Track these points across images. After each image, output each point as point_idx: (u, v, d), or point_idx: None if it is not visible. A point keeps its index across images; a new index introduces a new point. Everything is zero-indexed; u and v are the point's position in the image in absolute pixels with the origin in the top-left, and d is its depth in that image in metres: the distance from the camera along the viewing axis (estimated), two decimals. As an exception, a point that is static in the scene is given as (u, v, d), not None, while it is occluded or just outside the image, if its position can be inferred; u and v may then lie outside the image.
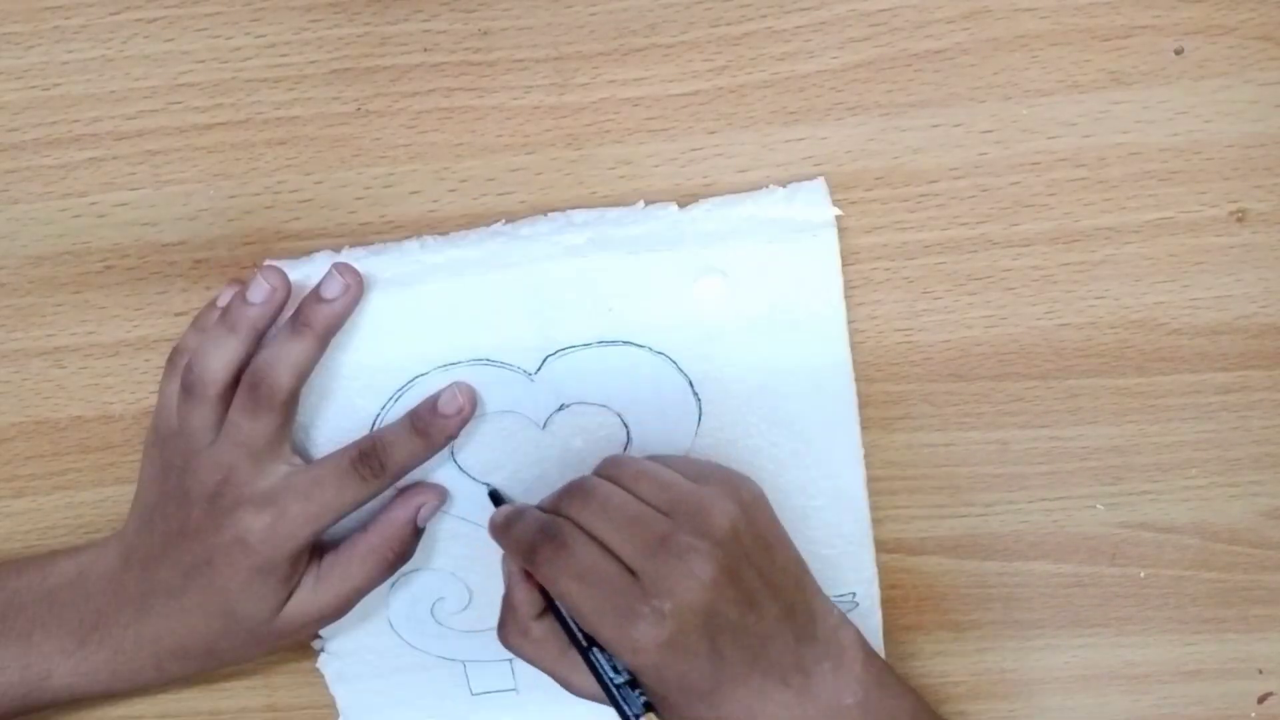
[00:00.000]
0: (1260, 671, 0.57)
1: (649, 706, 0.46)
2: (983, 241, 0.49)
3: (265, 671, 0.59)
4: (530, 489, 0.51)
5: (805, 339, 0.50)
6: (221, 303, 0.49)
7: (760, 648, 0.46)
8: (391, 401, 0.50)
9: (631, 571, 0.44)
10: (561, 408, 0.51)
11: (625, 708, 0.46)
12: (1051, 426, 0.52)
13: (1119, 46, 0.46)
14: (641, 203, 0.49)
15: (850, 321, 0.50)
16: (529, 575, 0.47)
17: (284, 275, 0.47)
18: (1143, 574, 0.55)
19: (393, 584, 0.54)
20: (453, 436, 0.49)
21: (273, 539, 0.47)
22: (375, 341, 0.49)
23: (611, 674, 0.46)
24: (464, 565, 0.54)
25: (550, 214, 0.49)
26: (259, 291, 0.47)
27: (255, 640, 0.50)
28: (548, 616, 0.48)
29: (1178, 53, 0.46)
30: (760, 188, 0.49)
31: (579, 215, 0.49)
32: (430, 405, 0.49)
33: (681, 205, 0.49)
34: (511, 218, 0.49)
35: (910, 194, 0.49)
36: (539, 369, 0.50)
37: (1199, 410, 0.52)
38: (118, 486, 0.54)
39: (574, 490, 0.47)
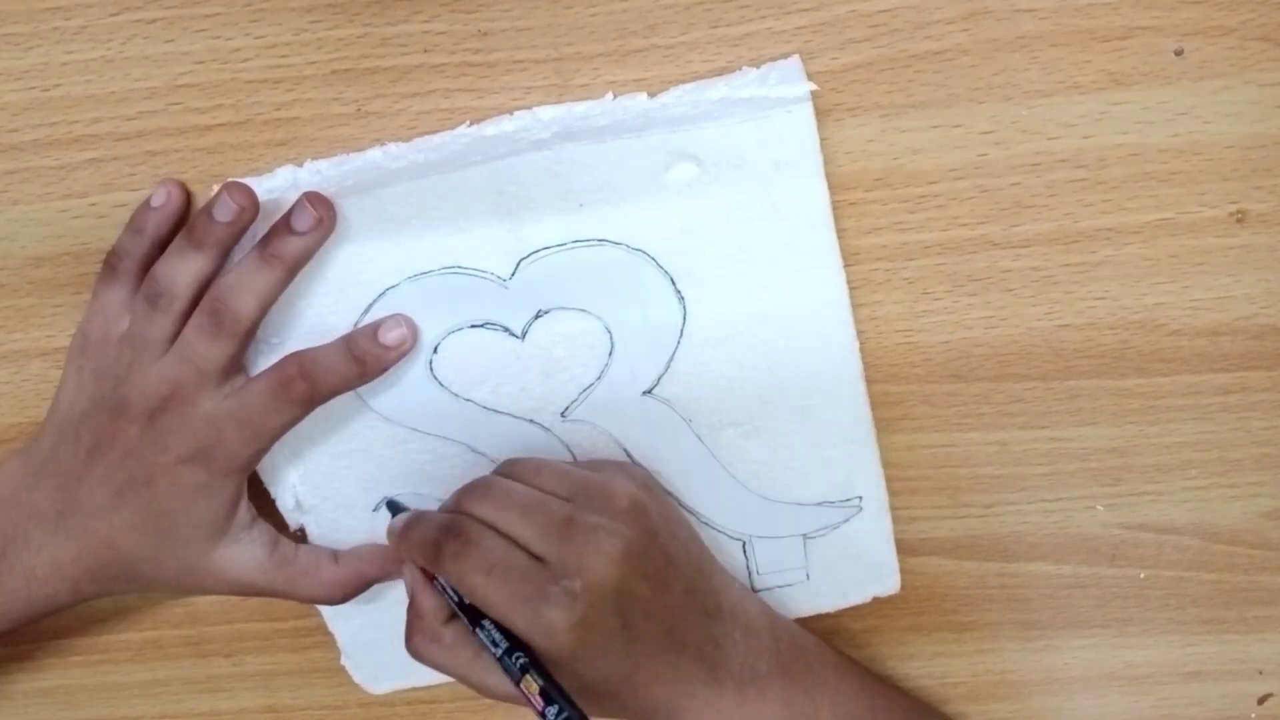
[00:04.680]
0: (1260, 672, 0.56)
1: (535, 670, 0.44)
2: (982, 242, 0.49)
3: (265, 672, 0.59)
4: (515, 401, 0.50)
5: (789, 226, 0.47)
6: (156, 203, 0.48)
7: (671, 624, 0.45)
8: (363, 314, 0.49)
9: (538, 558, 0.44)
10: (539, 314, 0.49)
11: (512, 673, 0.44)
12: (1051, 427, 0.52)
13: (1119, 47, 0.46)
14: (610, 94, 0.47)
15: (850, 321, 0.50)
16: (433, 579, 0.47)
17: (251, 194, 0.47)
18: (1143, 575, 0.55)
19: (375, 509, 0.53)
20: (388, 368, 0.49)
21: (214, 461, 0.47)
22: (342, 254, 0.48)
23: (498, 638, 0.44)
24: (449, 484, 0.51)
25: (516, 113, 0.48)
26: (226, 210, 0.46)
27: (183, 571, 0.49)
28: (458, 620, 0.47)
29: (1178, 53, 0.46)
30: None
31: (545, 112, 0.47)
32: (370, 333, 0.48)
33: (652, 95, 0.47)
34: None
35: (910, 195, 0.49)
36: (513, 274, 0.48)
37: (1199, 411, 0.52)
38: (118, 487, 0.54)
39: (473, 488, 0.47)
